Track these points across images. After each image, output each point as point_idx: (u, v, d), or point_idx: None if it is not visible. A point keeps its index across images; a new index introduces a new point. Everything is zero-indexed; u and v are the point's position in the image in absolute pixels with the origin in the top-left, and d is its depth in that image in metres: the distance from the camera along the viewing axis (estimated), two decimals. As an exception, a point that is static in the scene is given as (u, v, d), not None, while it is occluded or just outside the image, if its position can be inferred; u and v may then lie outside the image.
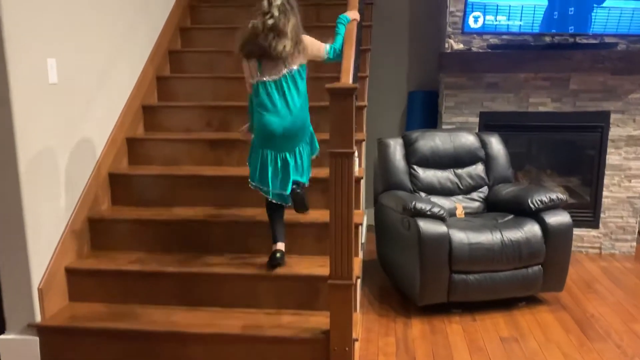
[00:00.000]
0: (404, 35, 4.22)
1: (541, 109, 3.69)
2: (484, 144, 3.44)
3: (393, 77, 4.26)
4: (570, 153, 3.87)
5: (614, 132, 3.66)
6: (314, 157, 2.55)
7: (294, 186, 2.40)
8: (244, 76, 2.49)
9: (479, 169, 3.41)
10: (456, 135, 3.43)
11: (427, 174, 3.34)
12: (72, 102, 2.57)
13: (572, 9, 3.35)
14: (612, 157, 3.69)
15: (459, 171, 3.39)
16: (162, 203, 2.89)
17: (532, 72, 3.58)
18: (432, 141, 3.38)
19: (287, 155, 2.39)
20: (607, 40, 3.52)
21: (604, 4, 3.35)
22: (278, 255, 2.44)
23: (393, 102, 4.30)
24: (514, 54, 3.52)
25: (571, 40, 3.51)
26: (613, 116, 3.64)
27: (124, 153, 3.08)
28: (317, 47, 2.46)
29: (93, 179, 2.75)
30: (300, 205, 2.47)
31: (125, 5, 3.12)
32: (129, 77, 3.21)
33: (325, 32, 3.80)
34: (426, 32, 4.13)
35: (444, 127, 3.76)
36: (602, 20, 3.39)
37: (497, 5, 3.32)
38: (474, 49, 3.66)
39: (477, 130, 3.72)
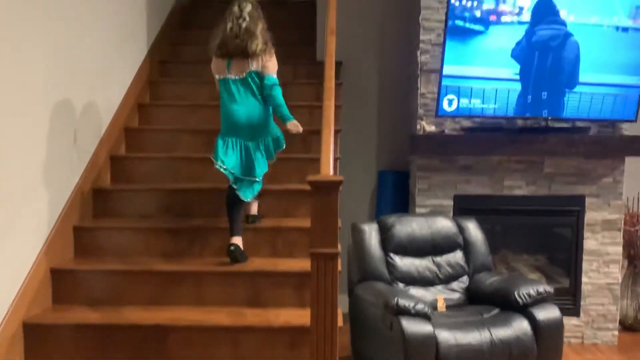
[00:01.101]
0: (373, 115, 4.12)
1: (516, 192, 3.59)
2: (461, 230, 3.27)
3: (362, 156, 4.11)
4: (546, 238, 3.76)
5: (589, 216, 3.58)
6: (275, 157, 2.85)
7: (231, 247, 2.57)
8: (207, 156, 2.77)
9: (457, 256, 3.23)
10: (433, 220, 3.25)
11: (404, 262, 3.12)
12: (11, 192, 2.25)
13: (545, 93, 3.33)
14: (589, 242, 3.59)
15: (438, 259, 3.19)
16: (112, 302, 2.53)
17: (506, 155, 3.50)
18: (409, 227, 3.19)
19: (250, 144, 2.69)
20: (580, 124, 3.50)
21: (576, 89, 3.35)
22: (232, 248, 2.57)
23: (362, 181, 4.13)
24: (487, 136, 3.44)
25: (544, 124, 3.47)
26: (588, 200, 3.57)
27: (69, 244, 2.73)
28: (272, 65, 2.71)
29: (31, 276, 2.38)
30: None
31: (80, 83, 2.88)
32: (79, 158, 2.91)
33: (294, 110, 3.67)
34: (396, 112, 4.04)
35: (417, 210, 3.59)
36: (575, 105, 3.38)
37: (472, 89, 3.26)
38: (447, 131, 3.57)
39: (451, 214, 3.56)
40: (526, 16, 3.21)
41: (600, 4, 3.25)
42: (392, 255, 3.11)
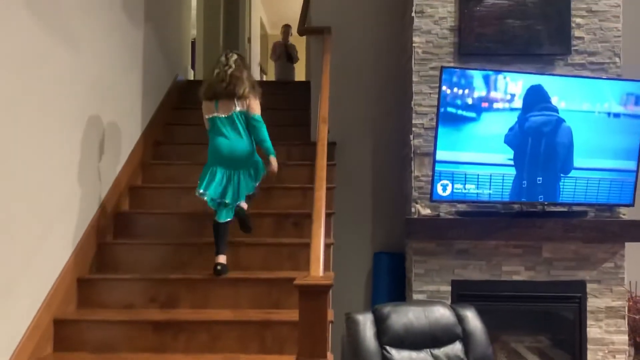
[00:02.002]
0: (368, 196, 4.08)
1: (515, 277, 3.48)
2: (460, 319, 3.13)
3: (357, 238, 4.04)
4: (547, 325, 3.62)
5: (592, 303, 3.45)
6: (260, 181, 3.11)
7: (218, 267, 2.91)
8: (195, 242, 3.19)
9: (456, 348, 3.06)
10: (430, 309, 3.11)
11: (402, 356, 2.96)
12: (-13, 288, 2.16)
13: (541, 178, 3.30)
14: (593, 330, 3.45)
15: (436, 352, 3.02)
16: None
17: (503, 239, 3.42)
18: (405, 317, 3.05)
19: (233, 173, 2.98)
20: (577, 208, 3.45)
21: (571, 174, 3.32)
22: (219, 267, 2.91)
23: (357, 264, 4.04)
24: (484, 221, 3.37)
25: (541, 208, 3.42)
26: (589, 286, 3.46)
27: (48, 339, 2.59)
28: (257, 106, 3.05)
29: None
30: (244, 226, 3.11)
31: (71, 166, 2.85)
32: (65, 246, 2.83)
33: (287, 192, 3.63)
34: (391, 193, 4.01)
35: (414, 296, 3.47)
36: (570, 190, 3.34)
37: (466, 174, 3.23)
38: (442, 214, 3.51)
39: (449, 300, 3.44)
40: (518, 103, 3.23)
41: (590, 91, 3.29)
42: (388, 348, 2.95)
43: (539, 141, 3.27)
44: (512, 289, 3.47)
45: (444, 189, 3.23)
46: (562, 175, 3.32)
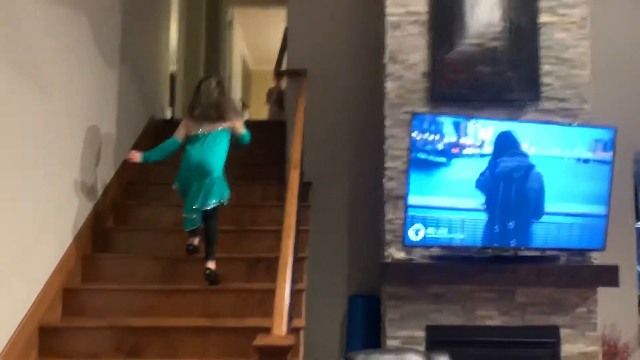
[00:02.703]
0: (344, 237, 4.07)
1: (489, 322, 3.46)
2: (433, 367, 3.09)
3: (332, 280, 4.01)
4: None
5: (565, 349, 3.43)
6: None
7: (207, 272, 3.12)
8: (164, 288, 3.16)
9: (430, 397, 3.02)
10: (403, 357, 3.06)
11: (372, 407, 2.90)
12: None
13: (512, 223, 3.32)
14: (568, 377, 3.42)
15: (409, 401, 2.97)
16: None
17: (477, 284, 3.41)
18: (377, 365, 3.00)
19: (202, 182, 3.18)
20: (549, 253, 3.46)
21: (543, 219, 3.34)
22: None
23: (332, 307, 4.00)
24: (458, 265, 3.37)
25: (513, 253, 3.42)
26: (563, 331, 3.44)
27: (6, 392, 2.50)
28: (241, 125, 3.39)
29: None
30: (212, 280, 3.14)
31: (39, 208, 2.80)
32: (28, 292, 2.75)
33: (261, 235, 3.59)
34: (366, 235, 3.99)
35: (388, 341, 3.43)
36: (542, 234, 3.35)
37: (438, 219, 3.23)
38: (416, 258, 3.49)
39: (424, 346, 3.40)
40: (488, 148, 3.26)
41: (560, 137, 3.34)
42: (359, 398, 2.90)
43: (510, 186, 3.29)
44: (487, 334, 3.44)
45: (417, 234, 3.23)
46: (533, 220, 3.33)
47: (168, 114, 5.88)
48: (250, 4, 7.18)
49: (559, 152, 3.33)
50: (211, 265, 3.14)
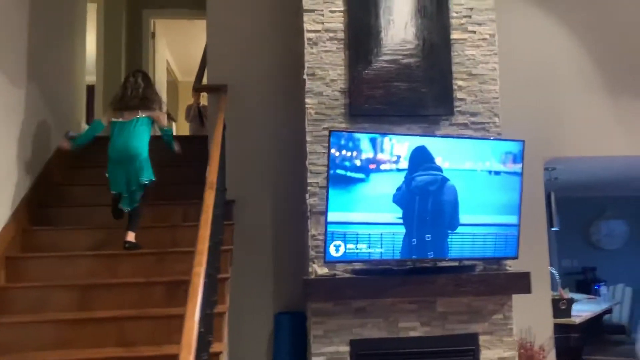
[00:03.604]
0: (268, 255, 4.03)
1: (411, 333, 3.52)
2: (357, 382, 3.12)
3: (257, 299, 3.95)
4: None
5: (484, 355, 3.55)
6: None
7: (126, 245, 3.44)
8: (79, 317, 3.02)
9: (353, 413, 3.04)
10: (326, 374, 3.08)
11: None
12: None
13: (429, 235, 3.40)
14: (488, 382, 3.53)
15: (332, 419, 2.98)
16: None
17: (399, 296, 3.46)
18: (300, 385, 2.99)
19: (129, 168, 3.50)
20: (467, 263, 3.57)
21: (458, 230, 3.45)
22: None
23: (258, 326, 3.94)
24: (379, 279, 3.41)
25: (432, 264, 3.51)
26: (481, 338, 3.56)
27: None
28: (164, 119, 3.83)
29: None
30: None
31: None
32: None
33: (182, 257, 3.50)
34: (291, 252, 3.97)
35: (314, 358, 3.41)
36: (458, 245, 3.46)
37: (357, 234, 3.27)
38: (339, 273, 3.51)
39: (349, 361, 3.42)
40: (404, 164, 3.33)
41: (472, 151, 3.46)
42: (282, 419, 2.88)
43: (426, 200, 3.38)
44: (409, 345, 3.50)
45: (337, 250, 3.25)
46: (449, 231, 3.43)
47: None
48: (171, 15, 7.02)
49: (471, 165, 3.45)
50: (131, 237, 3.45)
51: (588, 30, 4.54)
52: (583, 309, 4.96)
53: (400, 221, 3.34)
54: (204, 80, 4.57)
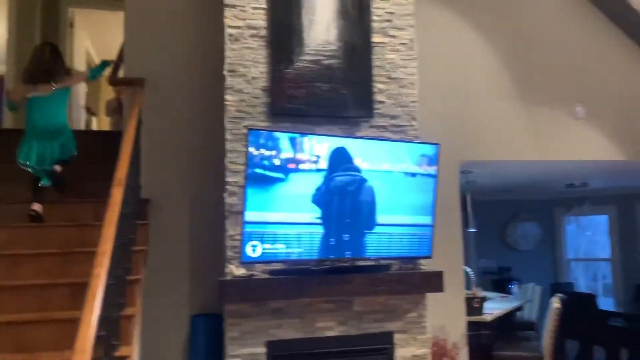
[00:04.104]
0: (185, 256, 3.91)
1: (328, 333, 3.53)
2: (271, 384, 3.08)
3: (173, 301, 3.83)
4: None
5: (399, 353, 3.62)
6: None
7: (32, 212, 3.48)
8: None
9: (267, 414, 3.00)
10: (240, 377, 3.03)
11: None
12: None
13: (347, 235, 3.42)
14: (402, 379, 3.60)
15: (245, 422, 2.93)
16: None
17: (316, 296, 3.47)
18: (212, 388, 2.92)
19: (48, 143, 3.63)
20: (383, 262, 3.63)
21: (375, 230, 3.49)
22: (32, 213, 3.49)
23: (174, 328, 3.82)
24: (296, 279, 3.39)
25: (350, 264, 3.53)
26: (396, 336, 3.63)
27: None
28: (82, 76, 4.24)
29: None
30: (58, 183, 3.69)
31: None
32: None
33: (91, 257, 3.33)
34: (209, 253, 3.88)
35: (229, 361, 3.36)
36: (375, 245, 3.50)
37: (275, 234, 3.24)
38: (256, 274, 3.47)
39: (264, 362, 3.38)
40: (323, 164, 3.34)
41: (389, 152, 3.52)
42: None
43: (344, 200, 3.40)
44: (326, 345, 3.51)
45: (254, 250, 3.20)
46: (366, 231, 3.47)
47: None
48: (90, 4, 6.71)
49: (389, 167, 3.51)
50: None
51: (503, 38, 4.75)
52: (495, 307, 5.18)
53: (319, 221, 3.34)
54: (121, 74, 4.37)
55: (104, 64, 4.14)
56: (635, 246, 7.82)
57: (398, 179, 3.55)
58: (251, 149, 3.16)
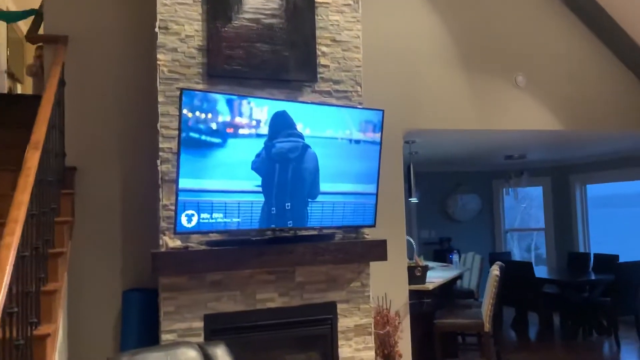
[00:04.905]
0: (117, 228, 3.66)
1: (269, 305, 3.42)
2: (209, 359, 2.93)
3: (104, 275, 3.59)
4: (305, 347, 3.62)
5: (342, 322, 3.55)
6: None
7: None
8: None
9: (205, 390, 2.86)
10: (174, 353, 2.82)
11: (139, 412, 2.63)
12: None
13: (289, 204, 3.29)
14: (344, 350, 3.55)
15: (181, 399, 2.77)
16: None
17: (257, 267, 3.32)
18: (144, 366, 2.73)
19: None
20: (326, 232, 3.52)
21: (318, 199, 3.37)
22: None
23: (105, 303, 3.59)
24: (236, 250, 3.23)
25: (292, 233, 3.41)
26: (339, 306, 3.56)
27: None
28: None
29: None
30: None
31: None
32: None
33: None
34: (142, 224, 3.64)
35: (164, 336, 3.18)
36: (318, 214, 3.39)
37: (212, 203, 3.05)
38: (193, 245, 3.29)
39: (202, 337, 3.23)
40: (264, 129, 3.17)
41: (332, 118, 3.38)
42: (122, 404, 2.61)
43: (286, 167, 3.25)
44: (267, 317, 3.40)
45: (189, 220, 3.01)
46: (309, 200, 3.35)
47: None
48: (8, -43, 6.14)
49: (332, 133, 3.38)
50: None
51: (449, 8, 4.67)
52: (436, 276, 5.22)
53: (259, 189, 3.19)
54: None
55: (29, 12, 3.73)
56: (569, 217, 8.12)
57: (342, 146, 3.43)
58: (185, 111, 2.94)
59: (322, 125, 3.35)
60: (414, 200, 5.72)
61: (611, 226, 7.91)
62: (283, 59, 3.51)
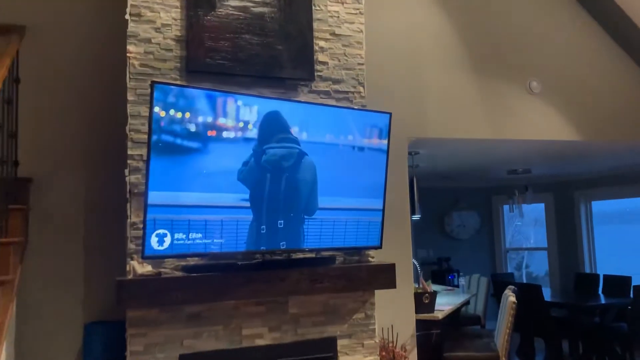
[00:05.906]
0: (78, 250, 3.13)
1: (258, 342, 2.88)
2: (183, 412, 2.40)
3: (62, 306, 3.06)
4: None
5: (343, 361, 3.03)
6: None
7: None
8: None
9: None
10: (141, 406, 2.32)
11: None
12: None
13: (282, 222, 2.78)
14: (346, 394, 3.02)
15: None
16: None
17: (243, 297, 2.78)
18: None
19: None
20: (325, 254, 3.02)
21: (316, 216, 2.87)
22: None
23: (63, 338, 3.05)
24: (218, 277, 2.70)
25: (285, 256, 2.89)
26: (340, 342, 3.04)
27: None
28: None
29: None
30: None
31: None
32: None
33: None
34: (107, 246, 3.12)
35: (125, 382, 2.63)
36: (316, 233, 2.89)
37: (189, 221, 2.53)
38: (167, 271, 2.76)
39: (177, 382, 2.68)
40: (253, 132, 2.67)
41: (333, 122, 2.90)
42: None
43: (279, 178, 2.75)
44: (254, 356, 2.86)
45: (161, 241, 2.48)
46: (306, 217, 2.85)
47: None
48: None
49: (332, 138, 2.89)
50: None
51: (458, 11, 4.25)
52: (443, 302, 4.73)
53: (247, 204, 2.67)
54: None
55: None
56: (573, 235, 7.69)
57: (343, 153, 2.94)
58: (157, 109, 2.43)
59: (320, 129, 2.86)
60: (416, 217, 5.23)
61: (618, 245, 7.50)
62: (276, 53, 3.03)
